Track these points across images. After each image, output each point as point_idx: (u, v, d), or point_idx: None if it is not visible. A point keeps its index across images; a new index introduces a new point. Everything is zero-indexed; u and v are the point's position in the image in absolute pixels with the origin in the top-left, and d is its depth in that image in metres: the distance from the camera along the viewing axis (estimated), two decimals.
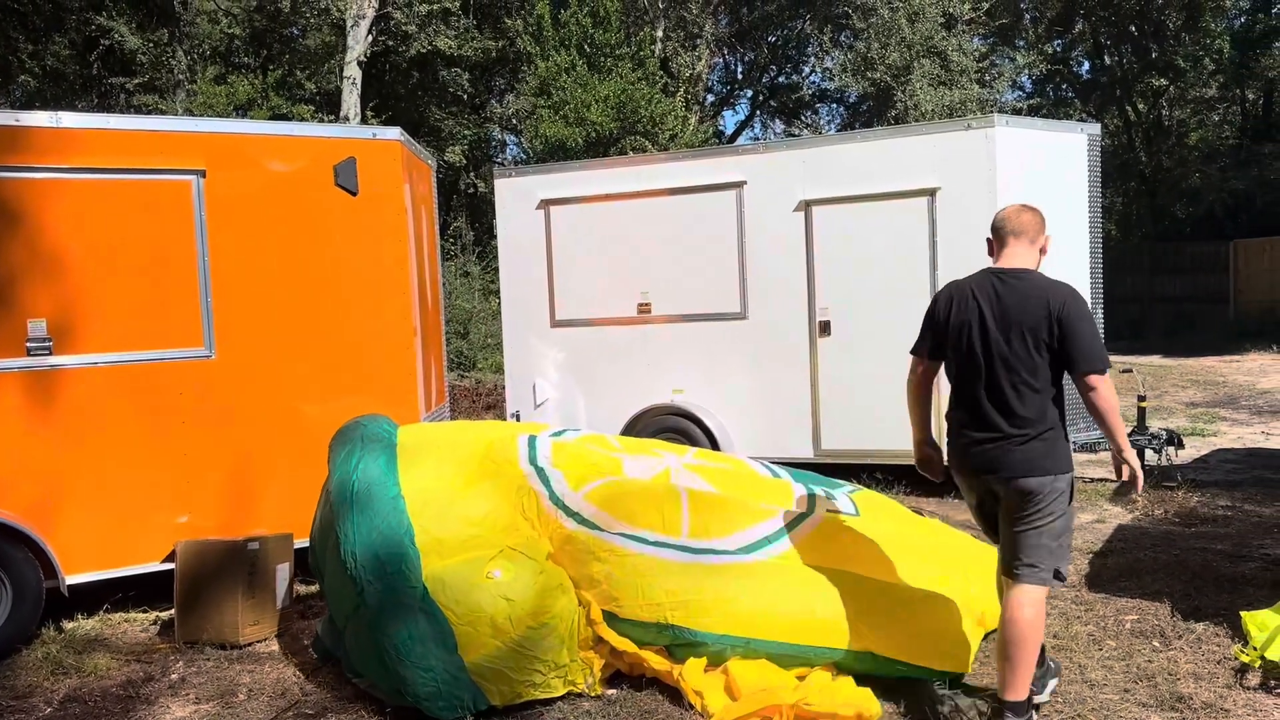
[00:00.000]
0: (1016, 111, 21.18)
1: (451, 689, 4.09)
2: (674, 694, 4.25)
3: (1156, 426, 8.83)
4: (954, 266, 7.68)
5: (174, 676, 4.82)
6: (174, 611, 5.34)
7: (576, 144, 18.72)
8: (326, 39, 21.74)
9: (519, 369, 9.19)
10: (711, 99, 29.75)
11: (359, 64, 20.53)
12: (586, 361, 8.93)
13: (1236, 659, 4.40)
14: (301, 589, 5.98)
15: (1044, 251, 4.06)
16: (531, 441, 5.06)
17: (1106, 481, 8.20)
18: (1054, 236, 8.13)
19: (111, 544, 5.63)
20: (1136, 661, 4.48)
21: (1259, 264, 21.59)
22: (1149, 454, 8.02)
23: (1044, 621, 3.87)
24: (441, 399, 7.63)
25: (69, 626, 5.58)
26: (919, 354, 4.19)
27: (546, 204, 8.98)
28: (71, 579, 5.50)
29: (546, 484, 4.79)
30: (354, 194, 6.15)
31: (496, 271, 9.50)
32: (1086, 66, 28.45)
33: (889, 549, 4.81)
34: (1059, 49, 26.99)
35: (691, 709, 4.12)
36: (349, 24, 20.38)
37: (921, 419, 4.27)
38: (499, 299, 9.51)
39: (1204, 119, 27.96)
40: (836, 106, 29.55)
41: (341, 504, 4.53)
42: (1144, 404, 8.13)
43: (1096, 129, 8.29)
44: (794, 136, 27.72)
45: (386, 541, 4.35)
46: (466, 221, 23.18)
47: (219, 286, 5.86)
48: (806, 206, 8.12)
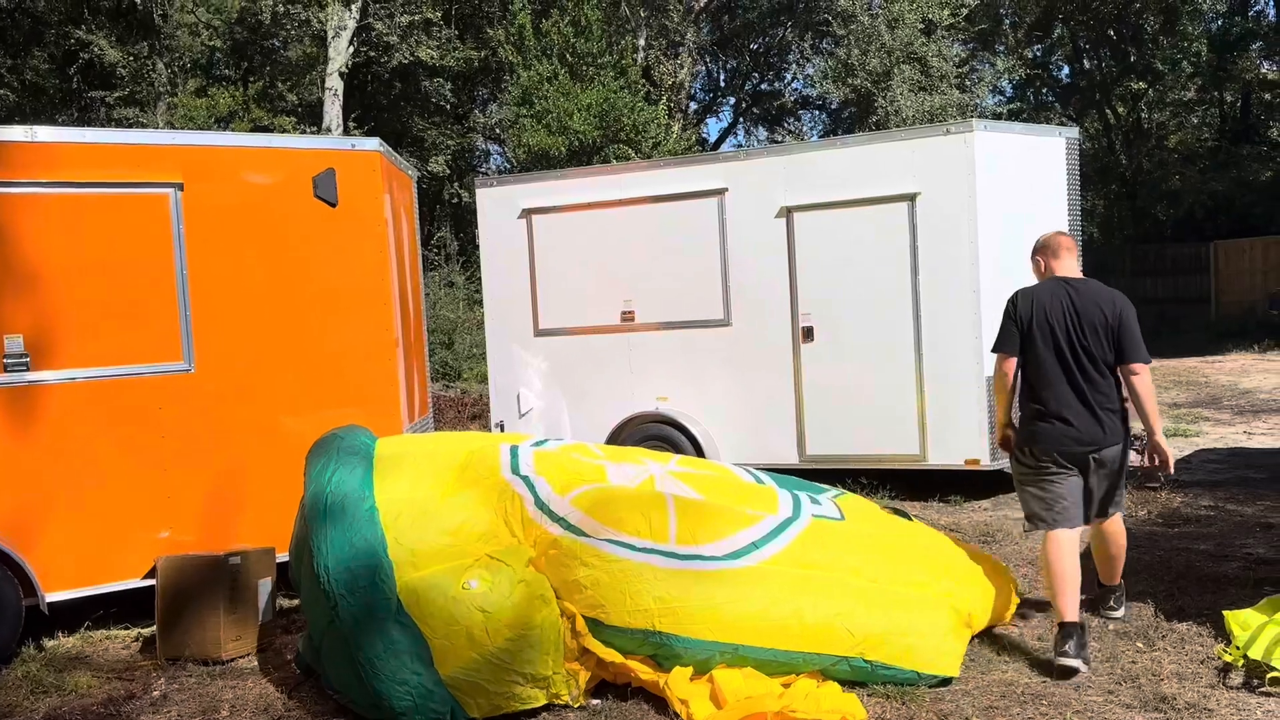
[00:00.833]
0: (997, 116, 21.30)
1: (428, 703, 4.06)
2: (659, 703, 4.24)
3: (1139, 428, 8.85)
4: (935, 271, 7.72)
5: (156, 694, 4.78)
6: (155, 628, 5.30)
7: (560, 153, 18.73)
8: (308, 50, 21.71)
9: (503, 379, 9.17)
10: (695, 106, 29.85)
11: (340, 75, 20.51)
12: (570, 370, 8.91)
13: (1220, 658, 4.42)
14: (285, 603, 5.94)
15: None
16: (513, 451, 5.02)
17: None
18: (1033, 239, 8.21)
19: (92, 561, 5.58)
20: (1121, 663, 4.49)
21: (1239, 264, 21.76)
22: (1132, 455, 8.04)
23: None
24: (425, 410, 7.60)
25: (49, 645, 5.53)
26: (1008, 352, 4.84)
27: (528, 213, 8.97)
28: (51, 596, 5.45)
29: (531, 489, 4.74)
30: (333, 205, 6.13)
31: (480, 281, 9.48)
32: (1066, 71, 28.67)
33: (875, 553, 4.82)
34: (1038, 54, 27.20)
35: (677, 718, 4.11)
36: (330, 35, 20.36)
37: (1007, 406, 4.94)
38: (483, 309, 9.49)
39: (1183, 121, 28.18)
40: (819, 113, 29.69)
41: (315, 517, 4.48)
42: (1126, 404, 8.15)
43: (1075, 133, 8.34)
44: (775, 143, 27.82)
45: (359, 554, 4.30)
46: (451, 231, 23.17)
47: (198, 300, 5.82)
48: (788, 213, 8.14)
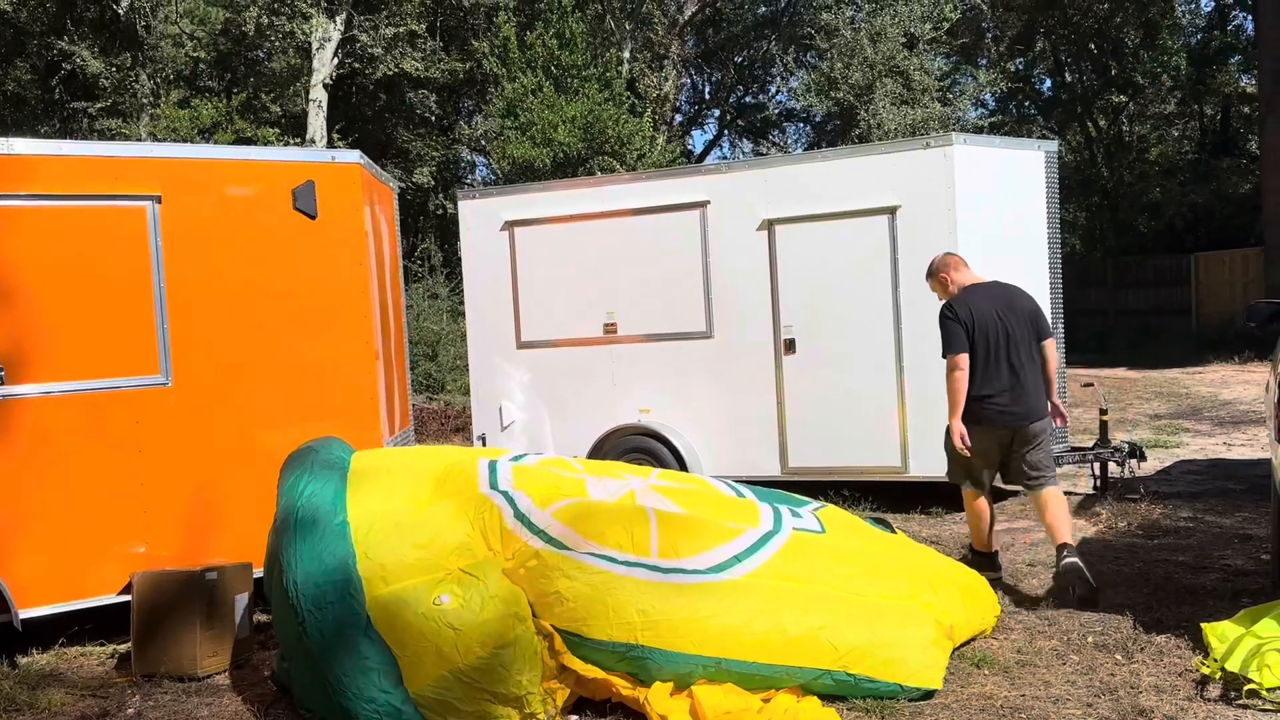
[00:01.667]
0: (979, 129, 21.43)
1: None
2: (639, 718, 4.22)
3: (1119, 439, 8.91)
4: (915, 283, 7.72)
5: (130, 711, 4.73)
6: (130, 644, 5.25)
7: (544, 164, 18.74)
8: (292, 62, 21.67)
9: (485, 391, 9.15)
10: (680, 119, 29.92)
11: (325, 87, 20.48)
12: (553, 383, 8.90)
13: (1198, 671, 4.43)
14: (262, 618, 5.89)
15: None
16: (492, 467, 4.97)
17: (1070, 495, 8.25)
18: (1013, 251, 8.33)
19: (67, 577, 5.53)
20: (1099, 675, 4.50)
21: (1219, 276, 21.91)
22: (1112, 466, 8.09)
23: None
24: (405, 423, 7.57)
25: (23, 661, 5.46)
26: (961, 350, 5.45)
27: (511, 225, 8.97)
28: (25, 613, 5.39)
29: (510, 503, 4.70)
30: (313, 217, 6.11)
31: (464, 293, 9.47)
32: (1048, 84, 28.91)
33: (857, 566, 4.82)
34: (1020, 67, 27.41)
35: None
36: (314, 47, 20.34)
37: (964, 399, 5.50)
38: (466, 321, 9.48)
39: (1163, 134, 28.44)
40: (803, 125, 29.82)
41: (285, 531, 4.43)
42: (1106, 417, 8.20)
43: (1054, 146, 8.39)
44: (757, 156, 27.93)
45: (328, 570, 4.25)
46: (435, 243, 23.10)
47: (176, 313, 5.79)
48: (770, 225, 8.16)
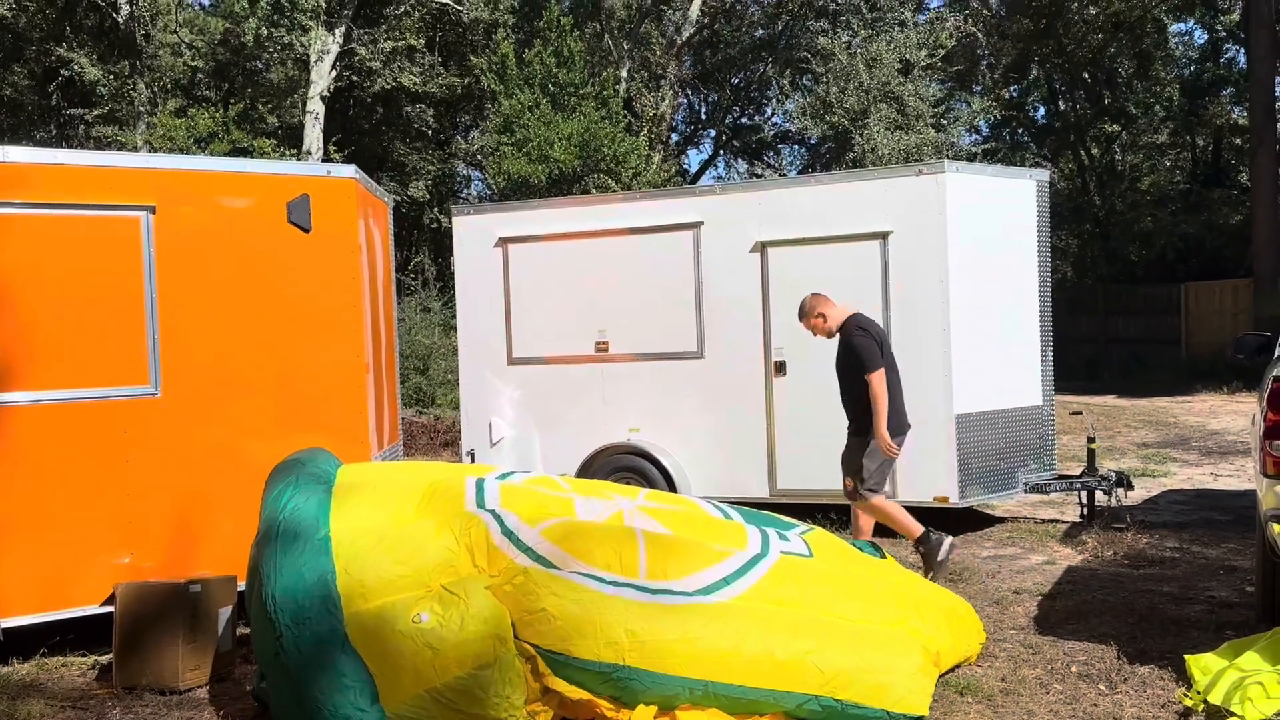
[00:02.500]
0: (973, 156, 21.58)
1: None
2: None
3: (1107, 467, 8.94)
4: (906, 308, 7.78)
5: None
6: (112, 655, 5.22)
7: (540, 181, 18.79)
8: (290, 74, 21.74)
9: (475, 407, 9.14)
10: (676, 138, 30.05)
11: (322, 99, 20.53)
12: (543, 400, 8.90)
13: (1180, 703, 4.44)
14: (245, 631, 5.86)
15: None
16: (479, 485, 4.93)
17: (1056, 523, 8.28)
18: (1003, 279, 8.38)
19: (50, 586, 5.50)
20: (1083, 705, 4.50)
21: (1209, 306, 22.02)
22: (1099, 495, 8.12)
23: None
24: (395, 437, 7.56)
25: (3, 671, 5.42)
26: (882, 366, 6.37)
27: (504, 242, 8.99)
28: (6, 622, 5.36)
29: (498, 520, 4.67)
30: (307, 231, 6.12)
31: (456, 308, 9.48)
32: (1042, 112, 29.14)
33: (844, 590, 4.81)
34: (1015, 95, 27.61)
35: None
36: (313, 59, 20.40)
37: (886, 414, 6.34)
38: (457, 336, 9.48)
39: (1155, 164, 28.65)
40: (798, 148, 29.95)
41: (266, 543, 4.39)
42: (1094, 445, 8.24)
43: (1045, 175, 8.46)
44: (751, 179, 28.04)
45: (307, 585, 4.20)
46: (429, 257, 23.14)
47: (167, 323, 5.78)
48: (762, 248, 8.19)
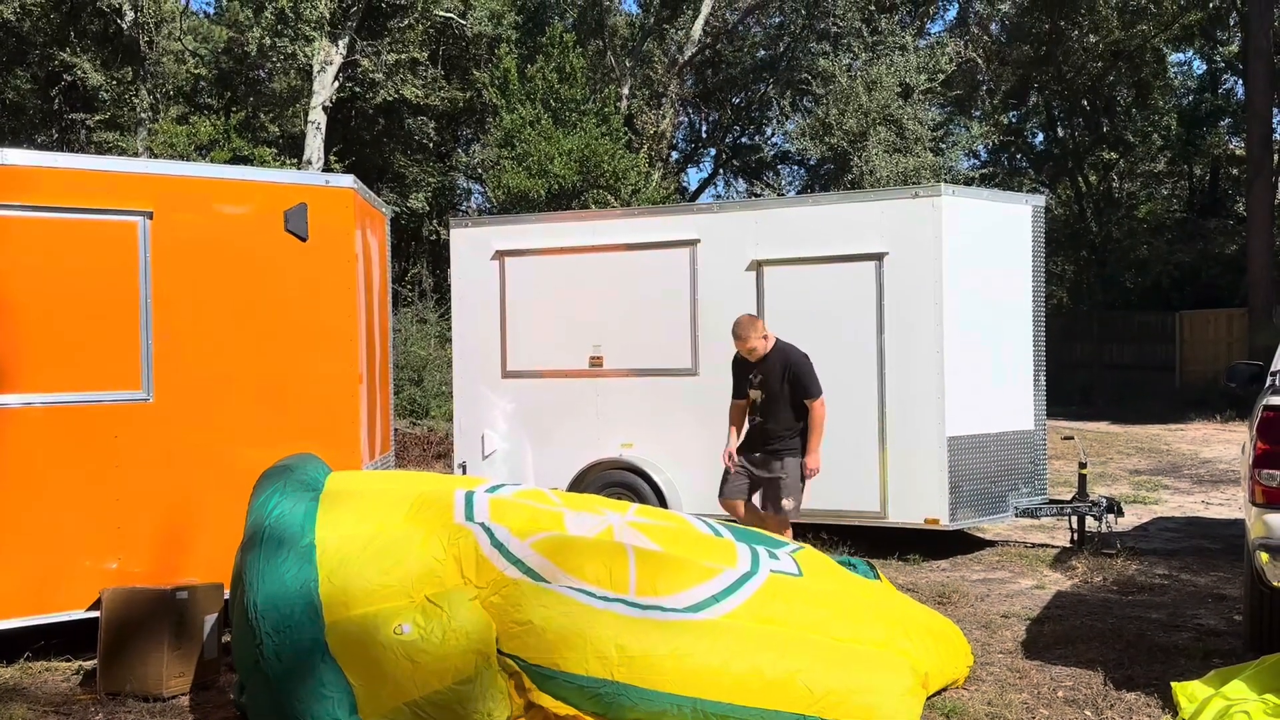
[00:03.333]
0: (970, 180, 21.67)
1: None
2: None
3: (1098, 493, 8.95)
4: (900, 330, 7.80)
5: None
6: (97, 661, 5.19)
7: (539, 195, 18.85)
8: (292, 83, 21.81)
9: (468, 419, 9.13)
10: (676, 156, 30.17)
11: (324, 109, 20.59)
12: (536, 413, 8.89)
13: None
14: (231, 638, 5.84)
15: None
16: (468, 498, 4.90)
17: (1046, 547, 8.27)
18: (998, 303, 8.39)
19: (35, 590, 5.47)
20: None
21: (1203, 335, 22.08)
22: (1089, 520, 8.12)
23: None
24: (386, 447, 7.55)
25: None
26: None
27: (501, 255, 9.00)
28: None
29: (488, 533, 4.63)
30: (304, 240, 6.13)
31: (452, 320, 9.50)
32: (1040, 138, 29.26)
33: (834, 610, 4.80)
34: (1013, 120, 27.76)
35: None
36: (316, 69, 20.47)
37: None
38: (452, 348, 9.49)
39: (1153, 192, 28.79)
40: (797, 168, 30.08)
41: (250, 549, 4.35)
42: (1085, 471, 8.24)
43: (1041, 201, 8.49)
44: (749, 198, 28.15)
45: (289, 593, 4.17)
46: (428, 268, 23.18)
47: (160, 329, 5.78)
48: (758, 266, 8.21)
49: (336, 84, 20.91)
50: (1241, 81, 24.41)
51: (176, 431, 5.81)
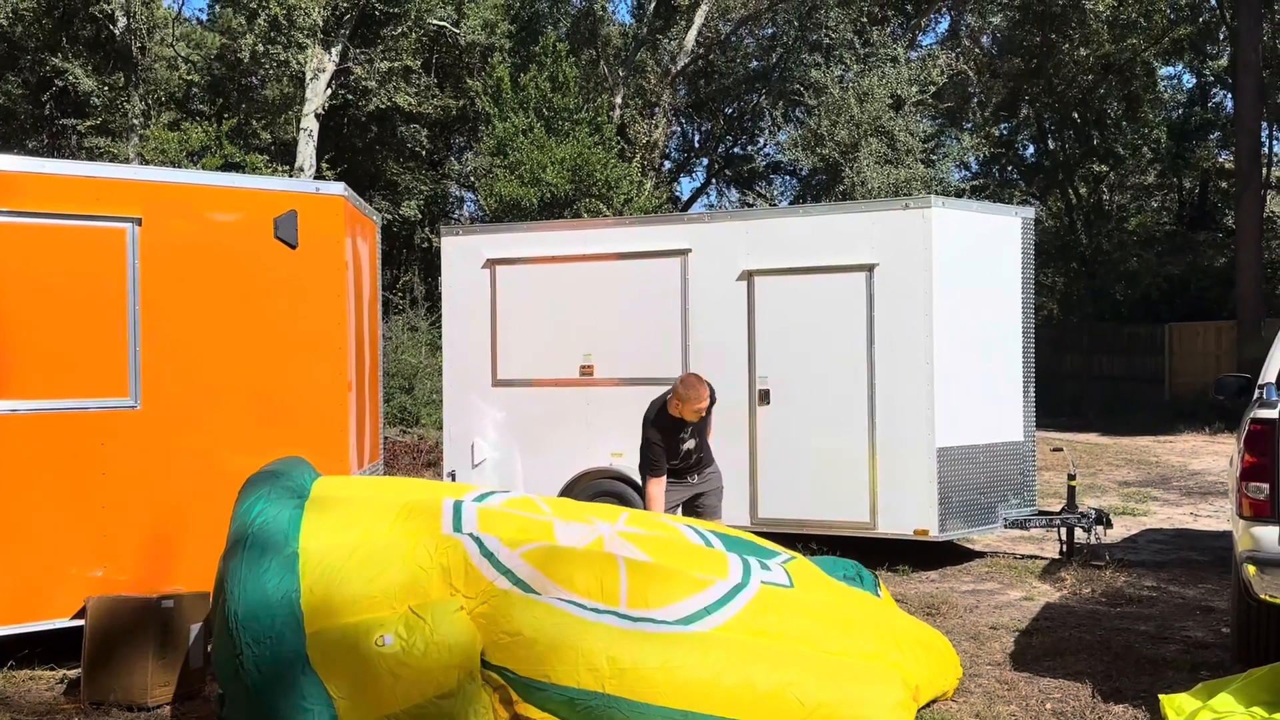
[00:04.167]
0: (961, 192, 21.74)
1: None
2: None
3: (1087, 505, 8.96)
4: (890, 341, 7.82)
5: None
6: (81, 670, 5.15)
7: (532, 204, 18.85)
8: (285, 90, 21.80)
9: (458, 428, 9.11)
10: (669, 165, 30.21)
11: (316, 116, 20.59)
12: (526, 422, 8.88)
13: None
14: None
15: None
16: (456, 508, 4.82)
17: (1035, 559, 8.28)
18: (988, 314, 8.33)
19: (19, 598, 5.43)
20: None
21: (1192, 347, 22.16)
22: (1078, 532, 8.13)
23: None
24: (375, 456, 7.53)
25: None
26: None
27: (492, 263, 9.00)
28: None
29: (477, 543, 4.57)
30: (293, 247, 6.11)
31: (443, 328, 9.48)
32: (1031, 150, 29.38)
33: (824, 622, 4.77)
34: (1004, 133, 27.87)
35: None
36: (308, 77, 20.48)
37: None
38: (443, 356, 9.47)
39: (1142, 205, 28.91)
40: (789, 179, 30.14)
41: (233, 557, 4.28)
42: (1074, 483, 8.26)
43: (1031, 213, 8.53)
44: (740, 208, 28.22)
45: (270, 603, 4.10)
46: (419, 276, 23.13)
47: (149, 336, 5.75)
48: (749, 276, 8.22)
49: (329, 91, 20.90)
50: (1230, 95, 24.57)
51: (164, 439, 5.78)
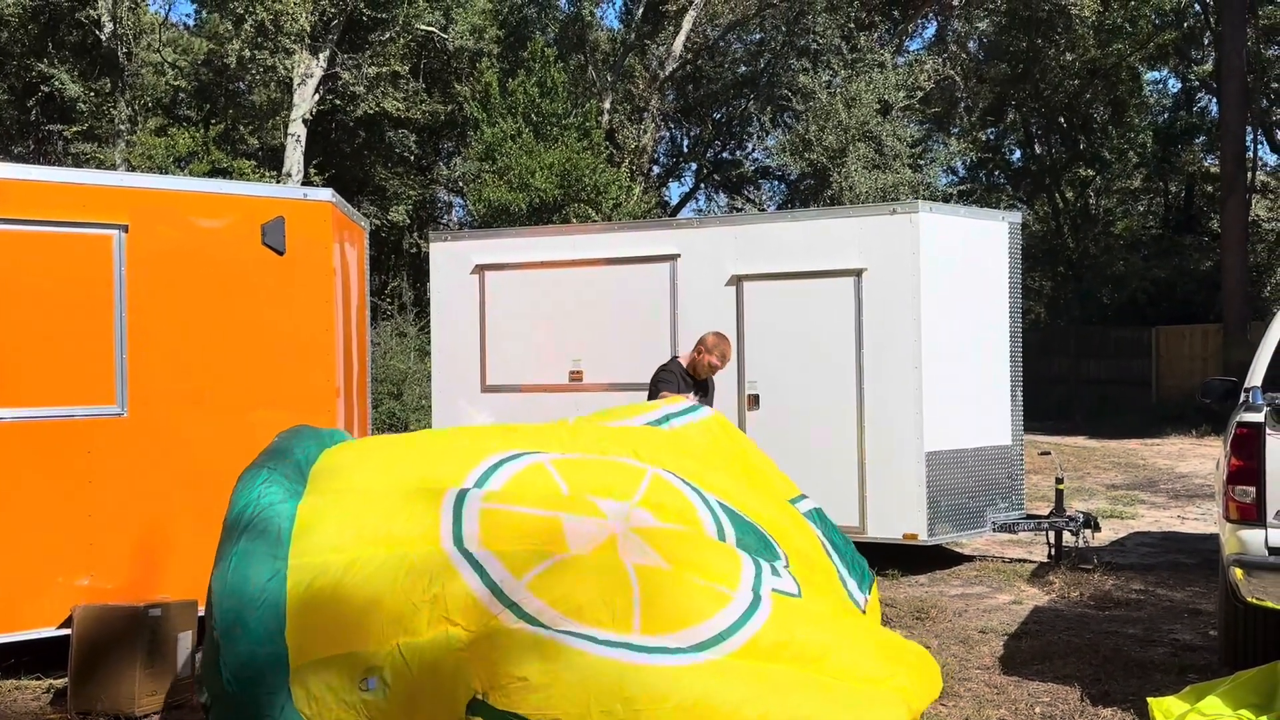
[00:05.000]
0: (948, 196, 21.82)
1: None
2: None
3: (1075, 508, 8.99)
4: (878, 345, 7.84)
5: None
6: (68, 679, 5.12)
7: (520, 209, 18.84)
8: (272, 95, 21.74)
9: None
10: (657, 170, 30.24)
11: (304, 122, 20.54)
12: None
13: None
14: None
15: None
16: (458, 507, 4.47)
17: (1024, 562, 8.30)
18: (975, 319, 8.33)
19: (5, 607, 5.39)
20: None
21: (1179, 350, 22.27)
22: (1066, 535, 8.16)
23: None
24: None
25: None
26: None
27: (481, 269, 8.99)
28: None
29: (478, 570, 4.24)
30: (281, 253, 6.10)
31: (431, 333, 9.47)
32: (1018, 154, 29.51)
33: (833, 636, 4.55)
34: (991, 137, 28.00)
35: None
36: (296, 82, 20.43)
37: None
38: (432, 361, 9.46)
39: (1129, 209, 29.05)
40: (777, 183, 30.19)
41: (219, 605, 3.98)
42: (1061, 486, 8.29)
43: (1017, 217, 8.56)
44: (729, 213, 28.22)
45: (255, 655, 3.85)
46: (408, 282, 23.08)
47: (135, 343, 5.73)
48: (738, 281, 8.24)
49: (317, 97, 20.86)
50: (1215, 100, 24.73)
51: (151, 446, 5.75)
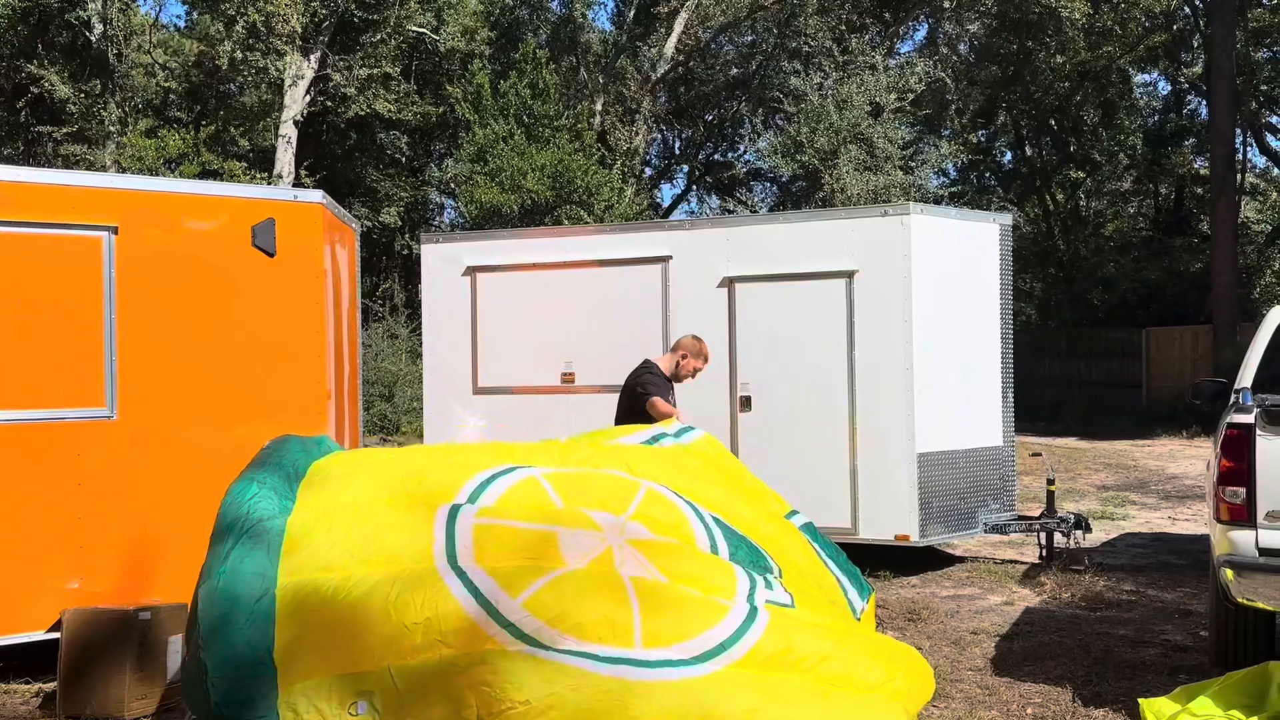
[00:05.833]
0: (939, 199, 21.85)
1: None
2: None
3: (1066, 509, 9.01)
4: (870, 347, 7.84)
5: None
6: (57, 683, 5.09)
7: (512, 211, 18.83)
8: (263, 97, 21.70)
9: (440, 435, 9.07)
10: (649, 172, 30.25)
11: (295, 123, 20.50)
12: (508, 429, 8.82)
13: None
14: None
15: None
16: (450, 524, 4.39)
17: (1015, 563, 8.32)
18: (966, 320, 8.34)
19: None
20: None
21: (1169, 351, 22.36)
22: (1057, 536, 8.17)
23: None
24: None
25: None
26: None
27: (473, 271, 8.98)
28: None
29: (472, 590, 4.12)
30: (271, 255, 6.08)
31: (423, 335, 9.46)
32: (1008, 157, 29.61)
33: (830, 643, 4.57)
34: (982, 139, 28.06)
35: None
36: (287, 83, 20.40)
37: None
38: (423, 363, 9.45)
39: (1119, 211, 29.17)
40: (769, 185, 30.21)
41: (205, 618, 3.91)
42: (1053, 487, 8.31)
43: (1008, 219, 8.59)
44: (720, 215, 28.21)
45: (244, 671, 3.78)
46: (399, 283, 23.04)
47: (125, 345, 5.70)
48: (730, 283, 8.24)
49: (308, 98, 20.83)
50: (1205, 102, 24.84)
51: (141, 449, 5.73)
